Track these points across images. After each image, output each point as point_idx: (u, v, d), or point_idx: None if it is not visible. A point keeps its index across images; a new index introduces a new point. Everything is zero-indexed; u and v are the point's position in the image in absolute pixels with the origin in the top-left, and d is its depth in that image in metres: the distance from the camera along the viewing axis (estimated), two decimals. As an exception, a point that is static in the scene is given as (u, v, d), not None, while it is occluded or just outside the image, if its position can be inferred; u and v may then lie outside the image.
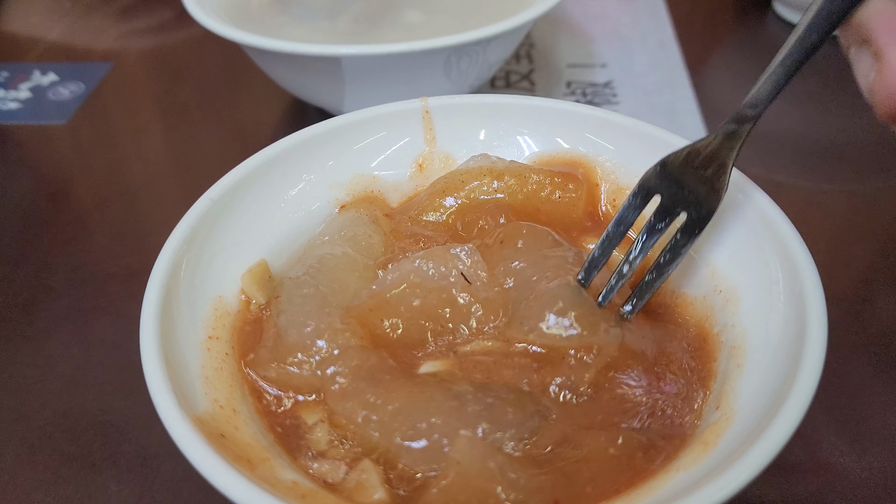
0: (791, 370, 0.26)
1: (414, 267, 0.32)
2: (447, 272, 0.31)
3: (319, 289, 0.32)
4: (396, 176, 0.40)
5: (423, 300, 0.31)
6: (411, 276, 0.31)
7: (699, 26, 0.72)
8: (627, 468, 0.26)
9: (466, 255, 0.32)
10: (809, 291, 0.28)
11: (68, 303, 0.44)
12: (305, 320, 0.30)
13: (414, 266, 0.32)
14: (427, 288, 0.31)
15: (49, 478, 0.34)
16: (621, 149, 0.38)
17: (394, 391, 0.28)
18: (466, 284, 0.31)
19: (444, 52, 0.49)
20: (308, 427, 0.29)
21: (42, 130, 0.60)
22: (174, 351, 0.29)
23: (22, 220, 0.51)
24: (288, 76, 0.55)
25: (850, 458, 0.33)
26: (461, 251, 0.32)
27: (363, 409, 0.27)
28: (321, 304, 0.31)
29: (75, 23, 0.75)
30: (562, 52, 0.68)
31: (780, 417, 0.24)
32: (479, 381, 0.29)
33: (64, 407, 0.37)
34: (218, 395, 0.29)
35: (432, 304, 0.31)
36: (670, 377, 0.30)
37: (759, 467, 0.23)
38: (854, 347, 0.39)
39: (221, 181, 0.35)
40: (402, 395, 0.27)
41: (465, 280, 0.31)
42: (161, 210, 0.52)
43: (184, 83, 0.67)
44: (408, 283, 0.31)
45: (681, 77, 0.64)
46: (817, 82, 0.63)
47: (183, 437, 0.25)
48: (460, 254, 0.32)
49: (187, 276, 0.32)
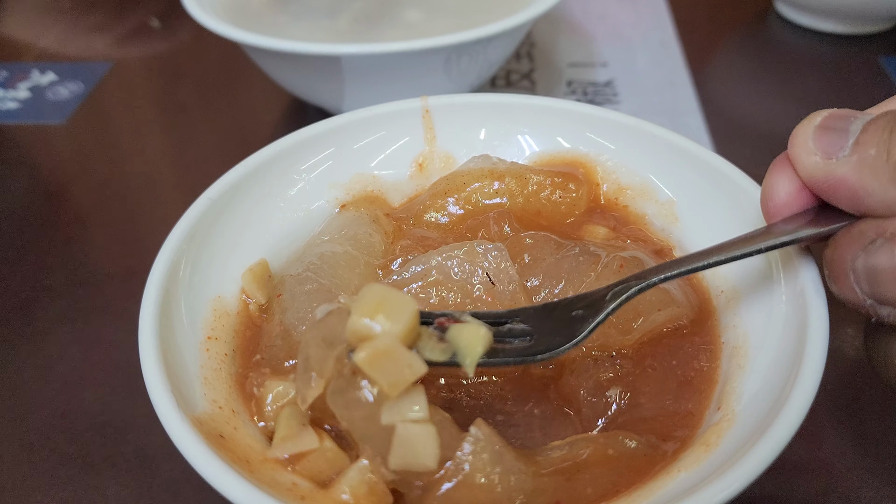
0: (792, 370, 0.26)
1: (437, 262, 0.30)
2: (472, 271, 0.30)
3: (322, 283, 0.31)
4: (396, 175, 0.40)
5: (441, 299, 0.30)
6: (433, 271, 0.30)
7: (700, 25, 0.71)
8: (628, 470, 0.26)
9: (494, 255, 0.30)
10: (811, 291, 0.28)
11: (67, 303, 0.44)
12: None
13: (437, 261, 0.30)
14: (448, 286, 0.30)
15: (47, 479, 0.34)
16: (623, 148, 0.38)
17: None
18: (491, 286, 0.29)
19: (445, 51, 0.49)
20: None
21: (41, 130, 0.60)
22: (173, 351, 0.28)
23: (20, 220, 0.51)
24: (287, 75, 0.55)
25: (852, 459, 0.33)
26: (489, 250, 0.30)
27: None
28: (327, 298, 0.30)
29: (74, 22, 0.75)
30: (563, 51, 0.68)
31: (782, 418, 0.24)
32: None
33: (63, 407, 0.37)
34: (217, 396, 0.28)
35: (451, 305, 0.30)
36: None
37: (761, 468, 0.23)
38: (856, 347, 0.39)
39: (220, 180, 0.35)
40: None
41: (490, 282, 0.29)
42: (160, 210, 0.52)
43: (183, 82, 0.67)
44: (429, 280, 0.30)
45: (682, 76, 0.63)
46: (820, 83, 0.63)
47: (182, 437, 0.25)
48: (488, 253, 0.30)
49: (186, 276, 0.32)
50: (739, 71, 0.65)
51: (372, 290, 0.24)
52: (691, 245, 0.35)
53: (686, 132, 0.42)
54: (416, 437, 0.24)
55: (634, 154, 0.38)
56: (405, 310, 0.23)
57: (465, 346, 0.24)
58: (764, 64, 0.66)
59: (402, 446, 0.24)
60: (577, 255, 0.32)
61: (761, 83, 0.63)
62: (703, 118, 0.58)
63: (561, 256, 0.32)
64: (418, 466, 0.24)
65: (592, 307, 0.26)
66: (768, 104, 0.60)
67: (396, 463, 0.24)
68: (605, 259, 0.32)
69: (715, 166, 0.35)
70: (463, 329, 0.25)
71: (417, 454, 0.24)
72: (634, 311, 0.31)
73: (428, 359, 0.24)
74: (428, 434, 0.24)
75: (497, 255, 0.30)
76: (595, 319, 0.26)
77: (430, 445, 0.24)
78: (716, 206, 0.35)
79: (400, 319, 0.23)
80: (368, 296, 0.24)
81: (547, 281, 0.32)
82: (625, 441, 0.27)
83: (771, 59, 0.66)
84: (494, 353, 0.25)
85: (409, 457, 0.24)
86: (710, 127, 0.56)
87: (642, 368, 0.30)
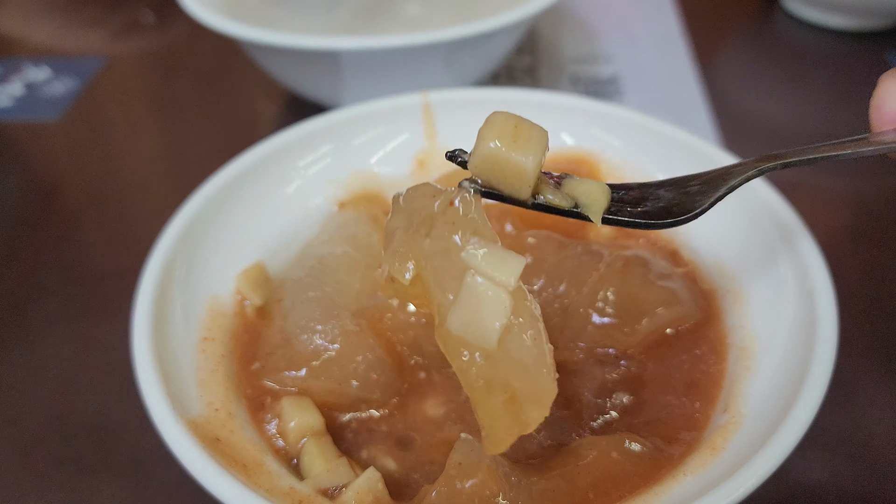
0: (801, 372, 0.25)
1: None
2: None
3: (325, 290, 0.31)
4: (396, 172, 0.39)
5: None
6: None
7: (706, 20, 0.71)
8: (632, 474, 0.26)
9: None
10: (819, 291, 0.27)
11: (60, 303, 0.43)
12: (315, 325, 0.29)
13: None
14: None
15: (41, 482, 0.33)
16: (628, 144, 0.38)
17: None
18: None
19: (445, 45, 0.48)
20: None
21: (34, 127, 0.59)
22: (168, 353, 0.28)
23: (13, 218, 0.50)
24: (284, 71, 0.54)
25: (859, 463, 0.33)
26: None
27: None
28: (329, 307, 0.30)
29: (69, 17, 0.74)
30: (565, 46, 0.67)
31: (790, 421, 0.24)
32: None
33: (56, 409, 0.37)
34: (213, 398, 0.28)
35: None
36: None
37: (768, 473, 0.22)
38: (864, 348, 0.38)
39: (216, 178, 0.34)
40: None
41: None
42: (155, 207, 0.51)
43: (178, 78, 0.66)
44: None
45: (687, 72, 0.63)
46: (826, 79, 0.62)
47: (176, 441, 0.24)
48: None
49: (181, 276, 0.31)
50: (746, 66, 0.65)
51: (502, 118, 0.21)
52: (697, 244, 0.35)
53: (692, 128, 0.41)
54: (486, 296, 0.20)
55: (640, 151, 0.37)
56: (540, 138, 0.21)
57: (588, 197, 0.23)
58: (770, 59, 0.65)
59: (469, 302, 0.20)
60: (579, 255, 0.32)
61: (767, 79, 0.62)
62: (709, 114, 0.57)
63: (564, 256, 0.32)
64: (477, 336, 0.20)
65: (710, 184, 0.25)
66: (775, 100, 0.59)
67: (457, 322, 0.20)
68: (607, 258, 0.31)
69: (722, 163, 0.34)
70: (582, 183, 0.23)
71: (483, 318, 0.20)
72: (639, 310, 0.30)
73: (551, 203, 0.22)
74: (500, 300, 0.20)
75: None
76: (716, 194, 0.25)
77: (499, 313, 0.20)
78: (723, 204, 0.34)
79: (535, 149, 0.21)
80: (500, 121, 0.21)
81: (549, 281, 0.31)
82: (629, 444, 0.26)
83: (777, 55, 0.66)
84: (613, 214, 0.23)
85: (471, 319, 0.20)
86: (717, 123, 0.55)
87: (647, 370, 0.30)
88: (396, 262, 0.22)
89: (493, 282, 0.20)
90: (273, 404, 0.29)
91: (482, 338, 0.21)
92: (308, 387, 0.29)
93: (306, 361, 0.29)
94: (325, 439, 0.27)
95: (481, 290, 0.20)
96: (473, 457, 0.25)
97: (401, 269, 0.22)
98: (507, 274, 0.20)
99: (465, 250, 0.21)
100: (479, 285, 0.20)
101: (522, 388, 0.21)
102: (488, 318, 0.20)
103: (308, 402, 0.28)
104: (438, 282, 0.21)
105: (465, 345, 0.21)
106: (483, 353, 0.21)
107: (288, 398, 0.28)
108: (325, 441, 0.27)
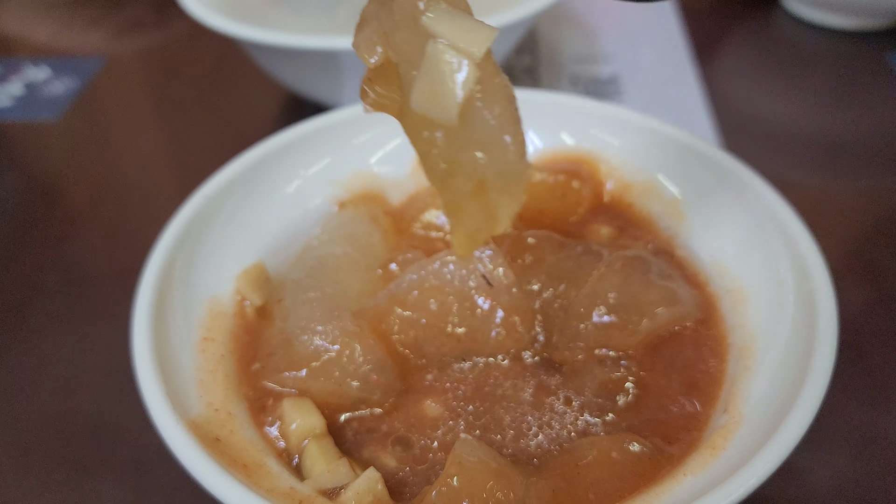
0: (801, 372, 0.25)
1: (432, 269, 0.30)
2: (468, 276, 0.29)
3: (325, 290, 0.31)
4: (397, 172, 0.39)
5: (440, 305, 0.29)
6: (430, 278, 0.30)
7: (706, 20, 0.71)
8: (632, 474, 0.26)
9: (489, 257, 0.30)
10: (820, 291, 0.27)
11: (61, 303, 0.43)
12: (315, 325, 0.29)
13: (432, 268, 0.30)
14: (445, 292, 0.29)
15: (42, 482, 0.33)
16: (628, 144, 0.38)
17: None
18: (489, 288, 0.29)
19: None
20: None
21: (34, 127, 0.59)
22: (167, 353, 0.28)
23: (13, 218, 0.50)
24: (285, 71, 0.54)
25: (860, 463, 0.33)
26: (483, 253, 0.30)
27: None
28: (330, 308, 0.30)
29: (68, 17, 0.74)
30: (566, 46, 0.67)
31: (791, 420, 0.24)
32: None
33: (57, 410, 0.37)
34: (213, 398, 0.28)
35: (451, 311, 0.29)
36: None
37: (768, 472, 0.22)
38: (864, 348, 0.38)
39: (216, 178, 0.34)
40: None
41: (488, 283, 0.29)
42: (155, 208, 0.51)
43: (178, 78, 0.66)
44: (425, 287, 0.29)
45: (687, 72, 0.63)
46: (826, 80, 0.62)
47: (176, 441, 0.24)
48: (483, 256, 0.30)
49: (181, 276, 0.31)
50: (746, 66, 0.65)
51: None
52: (698, 244, 0.35)
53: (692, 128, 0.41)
54: (447, 65, 0.18)
55: (640, 151, 0.37)
56: None
57: None
58: (770, 59, 0.65)
59: (430, 73, 0.18)
60: (579, 255, 0.32)
61: (768, 79, 0.62)
62: (709, 114, 0.57)
63: (564, 256, 0.32)
64: (438, 111, 0.18)
65: None
66: (775, 100, 0.59)
67: (418, 96, 0.18)
68: (607, 258, 0.31)
69: (722, 163, 0.34)
70: None
71: (443, 90, 0.18)
72: (639, 310, 0.30)
73: None
74: (463, 70, 0.18)
75: (491, 257, 0.30)
76: None
77: (461, 84, 0.18)
78: (723, 204, 0.34)
79: None
80: None
81: (549, 281, 0.31)
82: (629, 444, 0.26)
83: (777, 55, 0.66)
84: None
85: (432, 92, 0.18)
86: (717, 123, 0.55)
87: (647, 370, 0.30)
88: (364, 46, 0.20)
89: (456, 49, 0.18)
90: (274, 406, 0.29)
91: (442, 112, 0.18)
92: (308, 387, 0.29)
93: (306, 362, 0.29)
94: (327, 440, 0.27)
95: (443, 58, 0.18)
96: (473, 457, 0.25)
97: (369, 51, 0.20)
98: (472, 42, 0.18)
99: (425, 15, 0.18)
100: (440, 52, 0.18)
101: (489, 175, 0.19)
102: (449, 90, 0.18)
103: (309, 404, 0.28)
104: (403, 58, 0.19)
105: (426, 124, 0.19)
106: (445, 131, 0.19)
107: (289, 400, 0.28)
108: (326, 442, 0.27)
